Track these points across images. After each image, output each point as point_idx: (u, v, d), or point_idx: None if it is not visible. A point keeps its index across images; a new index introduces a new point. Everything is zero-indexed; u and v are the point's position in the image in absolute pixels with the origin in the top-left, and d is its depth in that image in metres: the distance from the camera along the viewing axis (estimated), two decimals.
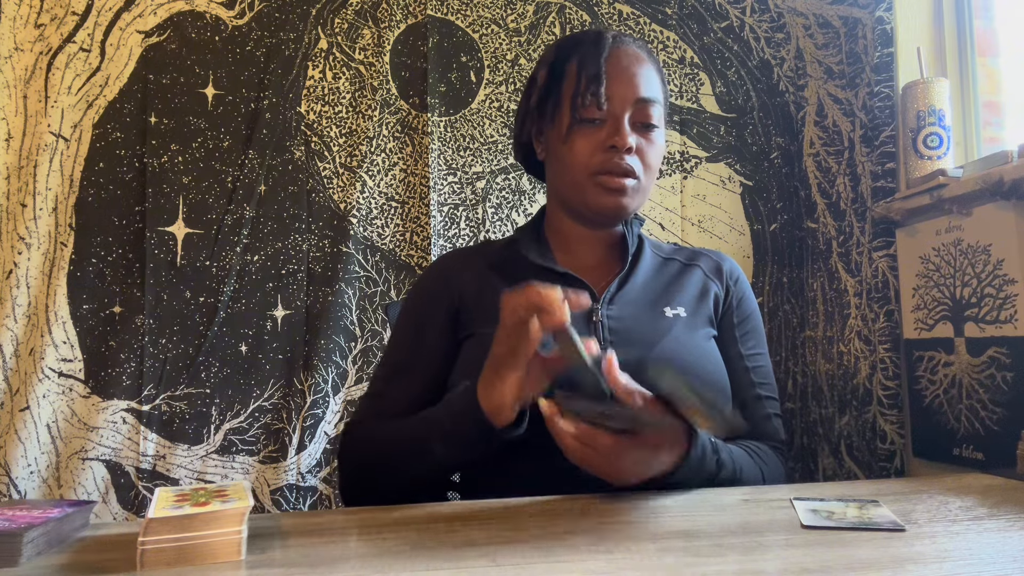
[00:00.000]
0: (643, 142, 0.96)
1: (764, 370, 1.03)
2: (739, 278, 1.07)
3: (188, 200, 1.62)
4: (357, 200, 1.68)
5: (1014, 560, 0.57)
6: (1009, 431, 1.18)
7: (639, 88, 0.95)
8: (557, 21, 1.80)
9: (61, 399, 1.53)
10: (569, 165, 0.96)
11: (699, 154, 1.81)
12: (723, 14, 1.84)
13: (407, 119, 1.73)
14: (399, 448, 0.90)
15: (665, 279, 1.02)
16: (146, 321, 1.57)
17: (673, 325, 0.95)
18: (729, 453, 0.87)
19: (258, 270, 1.64)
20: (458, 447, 0.83)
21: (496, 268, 1.02)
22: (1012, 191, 1.17)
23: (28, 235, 1.54)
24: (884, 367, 1.47)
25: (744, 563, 0.57)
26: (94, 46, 1.61)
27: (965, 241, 1.30)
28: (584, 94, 0.93)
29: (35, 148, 1.56)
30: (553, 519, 0.72)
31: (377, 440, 0.94)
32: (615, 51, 0.96)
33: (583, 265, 1.01)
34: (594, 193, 0.95)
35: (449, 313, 0.99)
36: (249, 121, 1.66)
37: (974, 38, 1.50)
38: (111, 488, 1.53)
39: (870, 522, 0.68)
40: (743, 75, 1.83)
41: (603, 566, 0.57)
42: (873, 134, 1.53)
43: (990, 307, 1.24)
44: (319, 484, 1.61)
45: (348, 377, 1.65)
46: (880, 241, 1.50)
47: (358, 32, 1.73)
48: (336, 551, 0.63)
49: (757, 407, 1.00)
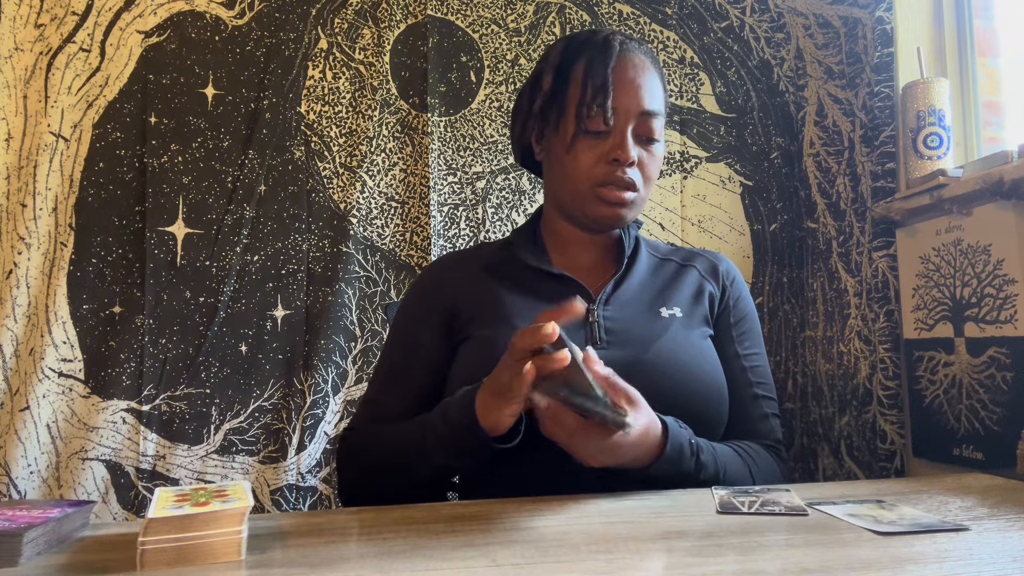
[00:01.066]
0: (644, 154, 0.96)
1: (761, 370, 1.03)
2: (735, 278, 1.07)
3: (188, 200, 1.62)
4: (357, 200, 1.68)
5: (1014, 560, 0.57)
6: (1009, 431, 1.18)
7: (643, 101, 0.95)
8: (557, 21, 1.80)
9: (61, 399, 1.53)
10: (571, 174, 0.96)
11: (699, 154, 1.81)
12: (723, 14, 1.84)
13: (407, 119, 1.73)
14: (397, 453, 0.90)
15: (661, 280, 1.02)
16: (146, 321, 1.57)
17: (669, 325, 0.96)
18: (712, 455, 0.87)
19: (258, 270, 1.64)
20: (454, 454, 0.84)
21: (491, 270, 1.02)
22: (1012, 191, 1.17)
23: (28, 235, 1.54)
24: (884, 367, 1.47)
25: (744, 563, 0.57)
26: (94, 46, 1.61)
27: (965, 241, 1.30)
28: (590, 105, 0.93)
29: (35, 148, 1.56)
30: (553, 519, 0.72)
31: (375, 445, 0.94)
32: (622, 60, 0.96)
33: (579, 266, 1.01)
34: (594, 204, 0.96)
35: (444, 317, 0.99)
36: (249, 121, 1.66)
37: (974, 38, 1.50)
38: (111, 488, 1.53)
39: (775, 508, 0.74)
40: (743, 75, 1.83)
41: (603, 566, 0.57)
42: (873, 134, 1.53)
43: (990, 307, 1.24)
44: (319, 484, 1.61)
45: (348, 377, 1.65)
46: (880, 241, 1.50)
47: (358, 32, 1.73)
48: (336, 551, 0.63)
49: (754, 406, 1.00)
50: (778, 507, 0.74)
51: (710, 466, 0.86)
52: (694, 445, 0.84)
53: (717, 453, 0.88)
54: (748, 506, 0.75)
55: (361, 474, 0.96)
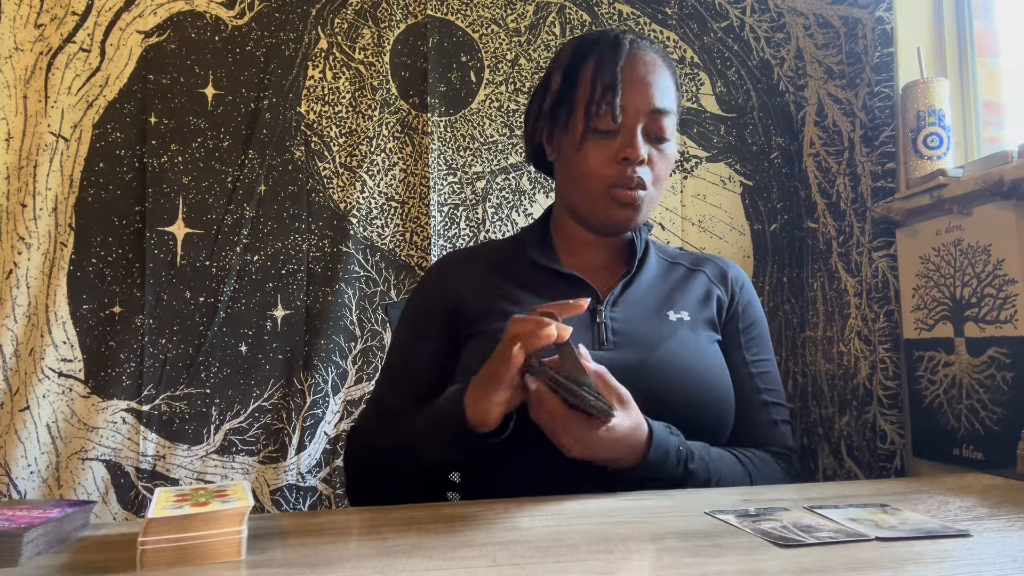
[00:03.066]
0: (655, 153, 0.95)
1: (770, 376, 1.02)
2: (744, 284, 1.06)
3: (188, 200, 1.62)
4: (357, 200, 1.68)
5: (1014, 560, 0.57)
6: (1009, 431, 1.18)
7: (654, 99, 0.94)
8: (557, 21, 1.80)
9: (61, 399, 1.53)
10: (582, 175, 0.95)
11: (699, 154, 1.81)
12: (723, 14, 1.84)
13: (407, 119, 1.73)
14: (395, 450, 0.91)
15: (669, 283, 1.02)
16: (146, 321, 1.57)
17: (676, 329, 0.95)
18: (705, 462, 0.86)
19: (258, 270, 1.64)
20: (442, 448, 0.84)
21: (498, 268, 1.02)
22: (1012, 191, 1.17)
23: (28, 235, 1.54)
24: (884, 367, 1.47)
25: (744, 563, 0.57)
26: (94, 46, 1.61)
27: (965, 241, 1.30)
28: (599, 103, 0.92)
29: (35, 148, 1.56)
30: (552, 519, 0.72)
31: (376, 443, 0.95)
32: (632, 58, 0.95)
33: (588, 267, 1.01)
34: (605, 206, 0.95)
35: (448, 315, 0.99)
36: (249, 121, 1.66)
37: (974, 38, 1.50)
38: (111, 488, 1.53)
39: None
40: (743, 75, 1.83)
41: (603, 566, 0.57)
42: (873, 134, 1.53)
43: (990, 307, 1.24)
44: (319, 484, 1.61)
45: (348, 377, 1.65)
46: (880, 241, 1.50)
47: (358, 32, 1.73)
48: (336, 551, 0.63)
49: (762, 413, 0.99)
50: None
51: (700, 473, 0.85)
52: (682, 452, 0.84)
53: (711, 460, 0.87)
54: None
55: (365, 473, 0.96)
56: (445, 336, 0.99)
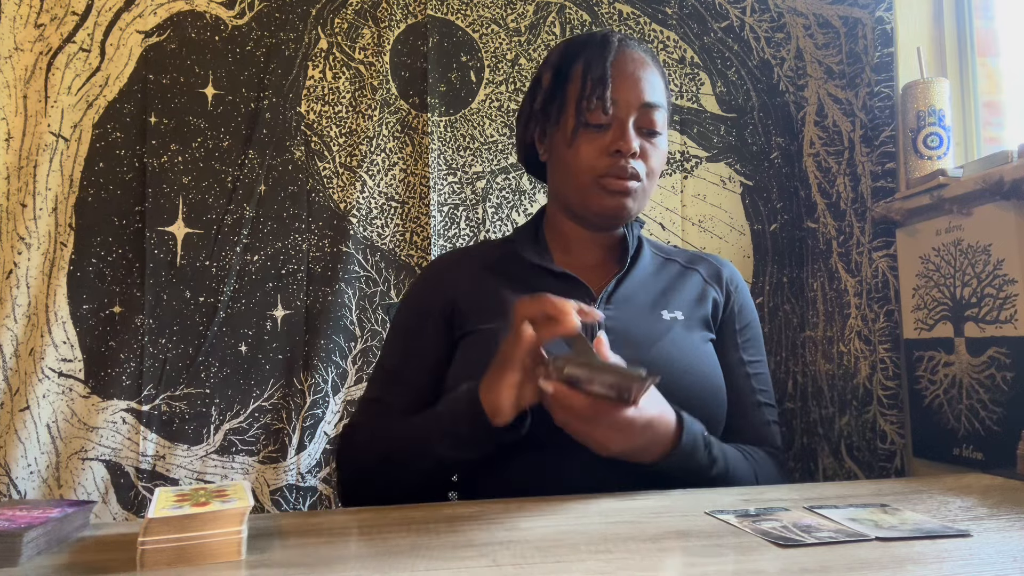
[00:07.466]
0: (647, 146, 0.96)
1: (763, 377, 1.03)
2: (739, 285, 1.07)
3: (188, 200, 1.62)
4: (357, 200, 1.68)
5: (1014, 560, 0.57)
6: (1009, 431, 1.18)
7: (644, 93, 0.95)
8: (557, 21, 1.80)
9: (61, 399, 1.53)
10: (573, 169, 0.96)
11: (699, 154, 1.81)
12: (723, 14, 1.84)
13: (407, 119, 1.73)
14: (400, 447, 0.90)
15: (664, 281, 1.02)
16: (146, 321, 1.57)
17: (671, 328, 0.96)
18: (722, 450, 0.87)
19: (258, 270, 1.64)
20: (457, 445, 0.84)
21: (492, 267, 1.02)
22: (1012, 191, 1.17)
23: (28, 235, 1.54)
24: (884, 367, 1.47)
25: (744, 563, 0.57)
26: (94, 46, 1.61)
27: (965, 241, 1.30)
28: (590, 98, 0.93)
29: (35, 148, 1.56)
30: (553, 519, 0.72)
31: (377, 441, 0.94)
32: (621, 55, 0.96)
33: (581, 265, 1.01)
34: (597, 196, 0.96)
35: (443, 315, 0.99)
36: (249, 121, 1.66)
37: (974, 38, 1.50)
38: (111, 488, 1.53)
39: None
40: (743, 75, 1.83)
41: (603, 566, 0.57)
42: (873, 134, 1.53)
43: (990, 307, 1.24)
44: (319, 484, 1.61)
45: (348, 377, 1.65)
46: (880, 241, 1.50)
47: (358, 32, 1.73)
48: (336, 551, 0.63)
49: (757, 414, 1.01)
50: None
51: (720, 461, 0.86)
52: (706, 438, 0.85)
53: (725, 450, 0.89)
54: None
55: (361, 472, 0.96)
56: (442, 334, 0.99)
